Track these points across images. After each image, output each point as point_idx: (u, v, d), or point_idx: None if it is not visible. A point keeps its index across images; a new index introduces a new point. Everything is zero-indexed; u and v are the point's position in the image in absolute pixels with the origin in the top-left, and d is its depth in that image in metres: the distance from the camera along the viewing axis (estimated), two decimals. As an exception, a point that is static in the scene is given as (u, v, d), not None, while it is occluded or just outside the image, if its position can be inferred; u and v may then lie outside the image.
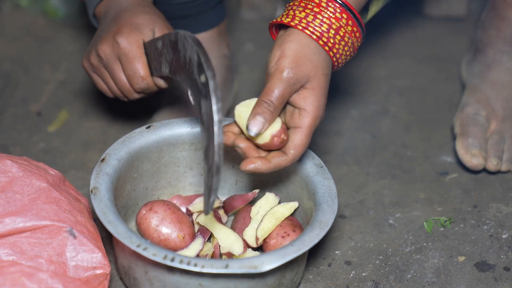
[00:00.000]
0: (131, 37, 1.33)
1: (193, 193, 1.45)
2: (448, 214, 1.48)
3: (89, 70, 1.40)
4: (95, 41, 1.38)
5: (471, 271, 1.37)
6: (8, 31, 2.00)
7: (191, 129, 1.40)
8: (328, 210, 1.27)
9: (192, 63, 1.20)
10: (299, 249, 1.20)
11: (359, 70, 1.88)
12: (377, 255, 1.40)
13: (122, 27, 1.34)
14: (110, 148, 1.33)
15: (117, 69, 1.35)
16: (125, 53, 1.33)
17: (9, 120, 1.71)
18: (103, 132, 1.67)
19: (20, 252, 1.19)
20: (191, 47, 1.19)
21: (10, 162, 1.27)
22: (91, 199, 1.25)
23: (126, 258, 1.27)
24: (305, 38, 1.23)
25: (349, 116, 1.73)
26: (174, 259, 1.17)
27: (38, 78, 1.84)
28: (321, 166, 1.34)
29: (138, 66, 1.34)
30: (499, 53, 1.63)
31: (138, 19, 1.35)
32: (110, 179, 1.29)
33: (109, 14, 1.40)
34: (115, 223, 1.21)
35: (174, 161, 1.42)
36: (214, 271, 1.16)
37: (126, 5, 1.39)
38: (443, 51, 1.94)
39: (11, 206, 1.21)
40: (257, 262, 1.18)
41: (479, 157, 1.54)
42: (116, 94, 1.40)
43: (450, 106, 1.74)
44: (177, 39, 1.23)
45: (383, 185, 1.55)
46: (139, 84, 1.35)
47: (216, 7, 1.59)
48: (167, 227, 1.32)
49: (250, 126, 1.20)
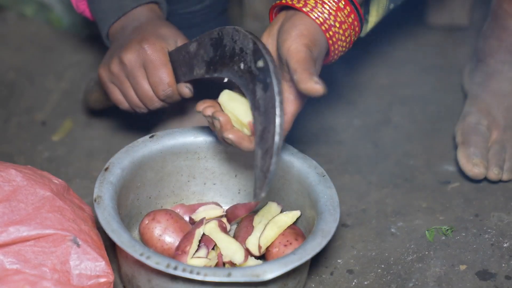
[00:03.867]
0: (157, 44, 1.36)
1: (196, 202, 1.45)
2: (450, 223, 1.48)
3: (106, 79, 1.40)
4: (114, 51, 1.38)
5: (472, 279, 1.37)
6: (13, 40, 2.01)
7: (194, 138, 1.41)
8: (330, 219, 1.27)
9: (245, 52, 1.23)
10: (301, 258, 1.21)
11: (361, 79, 1.88)
12: (379, 264, 1.40)
13: (148, 36, 1.36)
14: (114, 157, 1.34)
15: (141, 76, 1.36)
16: (151, 60, 1.35)
17: (14, 129, 1.71)
18: (107, 141, 1.68)
19: (24, 261, 1.20)
20: (243, 36, 1.24)
21: (15, 171, 1.27)
22: (94, 208, 1.25)
23: (129, 266, 1.27)
24: (311, 21, 1.24)
25: (352, 125, 1.74)
26: (177, 267, 1.18)
27: (42, 87, 1.84)
28: (323, 175, 1.35)
29: (165, 73, 1.35)
30: (501, 63, 1.64)
31: (162, 30, 1.38)
32: (113, 188, 1.29)
33: (126, 29, 1.41)
34: (118, 232, 1.22)
35: (178, 170, 1.42)
36: (216, 279, 1.17)
37: (146, 19, 1.41)
38: (445, 61, 1.94)
39: (15, 215, 1.22)
40: (259, 271, 1.18)
41: (480, 166, 1.54)
42: (134, 104, 1.40)
43: (452, 116, 1.75)
44: (223, 34, 1.27)
45: (385, 194, 1.56)
46: (165, 90, 1.36)
47: (219, 17, 1.60)
48: (170, 236, 1.33)
49: (315, 87, 1.17)
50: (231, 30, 1.27)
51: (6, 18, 2.07)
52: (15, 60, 1.94)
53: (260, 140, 1.19)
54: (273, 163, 1.16)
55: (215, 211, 1.40)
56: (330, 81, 1.87)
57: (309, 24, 1.24)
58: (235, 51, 1.25)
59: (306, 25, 1.24)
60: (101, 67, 1.40)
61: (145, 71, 1.36)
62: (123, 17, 1.43)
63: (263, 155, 1.18)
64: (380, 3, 1.45)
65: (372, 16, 1.46)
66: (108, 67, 1.38)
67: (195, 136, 1.41)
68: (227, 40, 1.27)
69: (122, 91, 1.39)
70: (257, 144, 1.20)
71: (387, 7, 1.47)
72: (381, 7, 1.47)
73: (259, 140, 1.20)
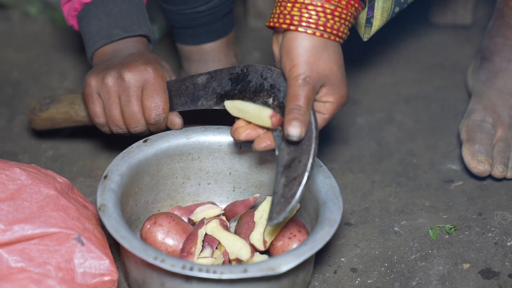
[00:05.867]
0: (160, 71, 1.39)
1: (192, 203, 1.46)
2: (453, 222, 1.49)
3: (93, 89, 1.39)
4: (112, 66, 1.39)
5: (476, 278, 1.38)
6: (17, 39, 2.01)
7: (187, 139, 1.41)
8: (334, 207, 1.28)
9: (277, 89, 1.29)
10: (313, 248, 1.22)
11: (365, 79, 1.88)
12: (382, 262, 1.41)
13: (152, 61, 1.40)
14: (111, 165, 1.34)
15: (136, 97, 1.38)
16: (152, 83, 1.37)
17: (18, 128, 1.72)
18: (111, 140, 1.68)
19: (29, 259, 1.20)
20: (277, 74, 1.29)
21: (19, 170, 1.28)
22: (100, 216, 1.25)
23: (140, 272, 1.27)
24: (307, 37, 1.24)
25: (355, 124, 1.74)
26: (193, 268, 1.17)
27: (46, 86, 1.85)
28: (320, 165, 1.36)
29: (162, 98, 1.38)
30: (506, 60, 1.64)
31: (164, 63, 1.43)
32: (115, 195, 1.29)
33: (120, 52, 1.43)
34: (128, 238, 1.21)
35: (172, 173, 1.42)
36: (233, 276, 1.17)
37: (143, 50, 1.45)
38: (449, 60, 1.95)
39: (20, 214, 1.22)
40: (274, 264, 1.19)
41: (485, 164, 1.54)
42: (113, 122, 1.40)
43: (455, 114, 1.75)
44: (249, 71, 1.33)
45: (389, 193, 1.56)
46: (158, 115, 1.38)
47: (226, 17, 1.60)
48: (173, 238, 1.33)
49: (290, 132, 1.21)
50: (261, 68, 1.31)
51: (11, 17, 2.07)
52: (19, 59, 1.94)
53: (285, 169, 1.23)
54: (300, 190, 1.20)
55: (213, 210, 1.40)
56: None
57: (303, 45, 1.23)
58: (264, 87, 1.30)
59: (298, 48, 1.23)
60: (91, 76, 1.39)
61: (142, 93, 1.37)
62: (117, 42, 1.44)
63: (287, 183, 1.21)
64: (385, 7, 1.45)
65: (376, 20, 1.46)
66: (101, 78, 1.38)
67: (188, 137, 1.41)
68: (253, 76, 1.31)
69: (107, 105, 1.39)
70: (280, 172, 1.23)
71: (392, 11, 1.48)
72: (386, 11, 1.47)
73: (283, 169, 1.23)
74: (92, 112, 1.41)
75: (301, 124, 1.21)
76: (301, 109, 1.22)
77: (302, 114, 1.22)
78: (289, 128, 1.21)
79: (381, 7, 1.45)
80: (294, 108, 1.22)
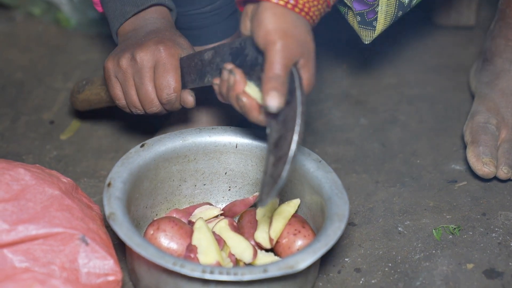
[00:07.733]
0: (172, 49, 1.36)
1: (188, 205, 1.45)
2: (457, 222, 1.49)
3: (111, 72, 1.39)
4: (127, 47, 1.38)
5: (479, 278, 1.38)
6: (21, 40, 2.02)
7: (183, 142, 1.41)
8: (340, 202, 1.29)
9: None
10: (327, 243, 1.22)
11: (368, 79, 1.88)
12: (386, 263, 1.41)
13: (165, 39, 1.37)
14: (112, 172, 1.33)
15: (149, 77, 1.36)
16: (163, 63, 1.35)
17: (22, 129, 1.72)
18: (115, 140, 1.69)
19: (33, 259, 1.20)
20: None
21: (23, 170, 1.28)
22: (111, 225, 1.24)
23: (153, 278, 1.26)
24: (279, 7, 1.21)
25: (359, 125, 1.74)
26: (213, 271, 1.17)
27: (50, 87, 1.85)
28: (319, 160, 1.36)
29: (173, 77, 1.36)
30: (508, 62, 1.64)
31: (180, 39, 1.39)
32: (122, 202, 1.28)
33: (140, 30, 1.41)
34: (143, 245, 1.21)
35: (169, 176, 1.42)
36: (255, 277, 1.17)
37: (162, 25, 1.42)
38: (452, 60, 1.95)
39: (24, 214, 1.22)
40: (292, 262, 1.19)
41: (490, 165, 1.54)
42: (131, 103, 1.40)
43: (459, 115, 1.75)
44: (246, 44, 1.27)
45: (393, 193, 1.56)
46: (170, 95, 1.36)
47: (230, 18, 1.60)
48: (177, 243, 1.31)
49: (268, 102, 1.17)
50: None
51: (14, 17, 2.08)
52: (23, 59, 1.94)
53: (273, 148, 1.20)
54: (286, 170, 1.16)
55: (212, 211, 1.40)
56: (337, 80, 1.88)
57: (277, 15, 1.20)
58: (258, 61, 1.25)
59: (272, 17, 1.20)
60: (109, 59, 1.39)
61: (154, 73, 1.36)
62: (135, 19, 1.43)
63: (275, 162, 1.18)
64: (389, 11, 1.45)
65: (379, 24, 1.46)
66: (117, 61, 1.38)
67: (183, 139, 1.41)
68: (249, 50, 1.27)
69: (124, 87, 1.39)
70: (270, 151, 1.20)
71: (395, 15, 1.48)
72: (389, 15, 1.47)
73: (272, 147, 1.20)
74: (113, 95, 1.41)
75: (279, 94, 1.17)
76: (279, 78, 1.18)
77: (281, 83, 1.18)
78: (268, 98, 1.17)
79: (384, 11, 1.45)
80: (272, 77, 1.17)
